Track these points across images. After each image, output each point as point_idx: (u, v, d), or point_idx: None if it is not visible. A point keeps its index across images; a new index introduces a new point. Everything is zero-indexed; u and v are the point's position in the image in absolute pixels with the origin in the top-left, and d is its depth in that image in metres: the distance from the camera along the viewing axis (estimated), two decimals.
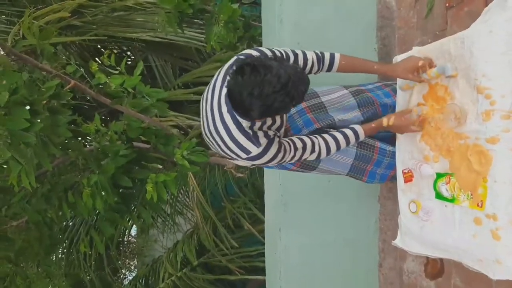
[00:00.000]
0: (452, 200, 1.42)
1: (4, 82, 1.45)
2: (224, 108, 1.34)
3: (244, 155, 1.36)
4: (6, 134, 1.48)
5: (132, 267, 7.55)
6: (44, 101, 1.63)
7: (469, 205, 1.36)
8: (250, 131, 1.33)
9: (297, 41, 2.30)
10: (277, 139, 1.40)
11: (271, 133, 1.38)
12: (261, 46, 2.57)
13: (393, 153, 1.71)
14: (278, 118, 1.45)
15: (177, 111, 3.65)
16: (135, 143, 2.40)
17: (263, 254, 2.59)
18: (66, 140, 1.94)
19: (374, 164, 1.77)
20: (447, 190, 1.44)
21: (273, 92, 1.15)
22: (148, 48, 4.19)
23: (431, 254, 1.57)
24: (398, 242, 1.70)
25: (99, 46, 4.21)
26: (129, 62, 4.72)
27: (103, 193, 1.97)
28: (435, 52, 1.51)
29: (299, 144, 1.47)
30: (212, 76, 1.44)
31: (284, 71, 1.16)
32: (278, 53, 1.41)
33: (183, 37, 3.63)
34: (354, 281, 2.38)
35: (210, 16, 2.44)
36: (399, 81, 1.68)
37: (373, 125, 1.59)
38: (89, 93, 2.08)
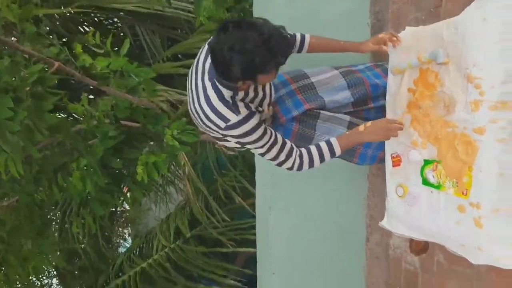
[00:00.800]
0: (438, 187, 1.44)
1: None
2: (206, 77, 1.35)
3: (223, 124, 1.34)
4: None
5: (126, 235, 7.68)
6: (28, 88, 1.58)
7: (454, 192, 1.38)
8: (230, 100, 1.33)
9: (289, 16, 2.24)
10: (258, 114, 1.39)
11: (252, 106, 1.38)
12: (252, 18, 2.50)
13: None
14: (260, 90, 1.44)
15: (166, 85, 3.58)
16: (123, 122, 2.37)
17: (254, 227, 2.64)
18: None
19: (364, 146, 1.78)
20: (433, 176, 1.46)
21: (254, 46, 1.15)
22: (135, 18, 4.04)
23: (416, 237, 1.62)
24: (384, 223, 1.75)
25: (83, 15, 4.05)
26: (115, 31, 4.57)
27: (93, 176, 1.96)
28: (428, 36, 1.48)
29: (280, 139, 1.46)
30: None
31: (267, 28, 1.17)
32: None
33: (170, 8, 3.50)
34: (341, 256, 2.45)
35: None
36: (390, 65, 1.66)
37: (347, 132, 1.57)
38: (74, 74, 2.02)
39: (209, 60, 1.35)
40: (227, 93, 1.32)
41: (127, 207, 6.34)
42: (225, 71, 1.23)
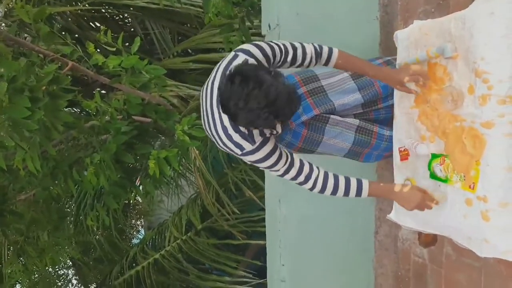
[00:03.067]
0: (445, 181, 1.46)
1: (2, 70, 1.45)
2: (221, 108, 1.35)
3: (239, 151, 1.38)
4: (8, 122, 1.50)
5: (139, 227, 7.80)
6: (43, 87, 1.63)
7: (461, 186, 1.39)
8: (245, 131, 1.35)
9: (296, 11, 2.24)
10: (273, 139, 1.42)
11: (267, 131, 1.40)
12: (260, 13, 2.51)
13: (391, 137, 1.72)
14: None
15: (177, 79, 3.62)
16: (135, 117, 2.42)
17: (264, 219, 2.68)
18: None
19: (372, 148, 1.79)
20: (441, 170, 1.47)
21: (257, 108, 1.14)
22: (145, 14, 4.07)
23: (424, 230, 1.64)
24: (392, 216, 1.76)
25: (94, 12, 4.10)
26: (125, 27, 4.62)
27: (107, 171, 2.01)
28: (436, 30, 1.48)
29: (297, 163, 1.45)
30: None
31: (274, 88, 1.15)
32: (277, 49, 1.39)
33: (180, 3, 3.52)
34: (351, 247, 2.48)
35: None
36: (398, 59, 1.67)
37: (381, 184, 1.55)
38: (88, 73, 2.06)
39: None
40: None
41: (140, 199, 6.44)
42: (232, 119, 1.26)
